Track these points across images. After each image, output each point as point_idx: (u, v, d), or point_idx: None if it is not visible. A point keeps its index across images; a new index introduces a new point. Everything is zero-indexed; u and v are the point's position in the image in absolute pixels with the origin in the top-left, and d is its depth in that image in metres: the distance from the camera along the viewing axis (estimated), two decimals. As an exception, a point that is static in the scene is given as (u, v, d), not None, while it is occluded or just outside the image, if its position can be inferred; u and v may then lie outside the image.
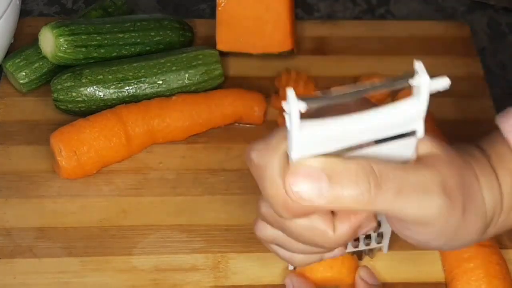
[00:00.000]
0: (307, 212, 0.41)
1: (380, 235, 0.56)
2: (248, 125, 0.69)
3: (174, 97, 0.67)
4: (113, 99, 0.67)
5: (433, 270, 0.60)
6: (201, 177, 0.65)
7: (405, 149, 0.42)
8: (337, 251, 0.48)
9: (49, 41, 0.67)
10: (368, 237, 0.55)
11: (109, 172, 0.65)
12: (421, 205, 0.41)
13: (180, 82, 0.69)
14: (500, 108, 0.75)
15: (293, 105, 0.37)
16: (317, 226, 0.42)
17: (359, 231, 0.44)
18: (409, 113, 0.40)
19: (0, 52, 0.68)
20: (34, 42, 0.70)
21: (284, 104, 0.37)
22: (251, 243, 0.61)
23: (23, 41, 0.72)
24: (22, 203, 0.63)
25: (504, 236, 0.63)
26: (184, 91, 0.69)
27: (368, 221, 0.44)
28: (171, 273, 0.59)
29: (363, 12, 0.84)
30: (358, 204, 0.39)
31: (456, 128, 0.71)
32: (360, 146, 0.40)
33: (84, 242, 0.61)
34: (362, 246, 0.56)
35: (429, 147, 0.43)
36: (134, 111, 0.65)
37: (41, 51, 0.68)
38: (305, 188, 0.38)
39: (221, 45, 0.73)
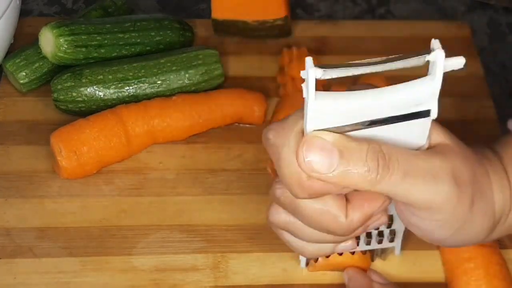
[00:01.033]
0: (321, 192, 0.42)
1: (393, 233, 0.55)
2: (248, 125, 0.70)
3: (174, 97, 0.67)
4: (113, 99, 0.67)
5: (433, 270, 0.60)
6: (201, 177, 0.65)
7: (418, 133, 0.42)
8: (349, 244, 0.48)
9: (49, 41, 0.67)
10: (380, 234, 0.55)
11: (109, 172, 0.65)
12: (428, 190, 0.41)
13: (180, 82, 0.69)
14: (500, 108, 0.76)
15: (310, 71, 0.37)
16: (330, 210, 0.43)
17: (371, 222, 0.45)
18: (424, 91, 0.40)
19: (0, 52, 0.68)
20: (34, 42, 0.70)
21: (302, 72, 0.38)
22: (251, 243, 0.61)
23: (23, 41, 0.73)
24: (22, 203, 0.63)
25: (504, 236, 0.63)
26: (184, 91, 0.69)
27: (380, 211, 0.44)
28: (171, 273, 0.59)
29: (363, 12, 0.84)
30: (365, 182, 0.40)
31: (456, 128, 0.71)
32: (374, 123, 0.40)
33: (84, 242, 0.61)
34: (374, 244, 0.56)
35: (443, 138, 0.44)
36: (134, 111, 0.65)
37: (41, 51, 0.68)
38: (316, 159, 0.40)
39: (217, 13, 0.73)
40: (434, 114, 0.41)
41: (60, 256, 0.60)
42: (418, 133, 0.42)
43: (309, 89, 0.38)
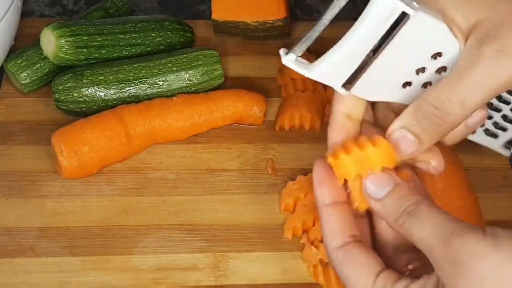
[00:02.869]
0: None
1: None
2: (248, 125, 0.70)
3: (174, 98, 0.67)
4: (114, 99, 0.67)
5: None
6: (201, 177, 0.66)
7: (438, 37, 0.42)
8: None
9: (51, 42, 0.67)
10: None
11: (110, 172, 0.66)
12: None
13: (181, 82, 0.69)
14: (499, 108, 0.76)
15: (285, 60, 0.45)
16: None
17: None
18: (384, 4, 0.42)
19: (1, 53, 0.68)
20: (35, 43, 0.70)
21: (284, 63, 0.44)
22: (251, 242, 0.61)
23: (24, 42, 0.73)
24: (23, 202, 0.63)
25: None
26: (185, 91, 0.69)
27: None
28: (172, 272, 0.59)
29: (363, 13, 0.84)
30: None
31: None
32: (376, 49, 0.43)
33: (85, 241, 0.61)
34: None
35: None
36: (134, 111, 0.66)
37: (43, 52, 0.68)
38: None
39: (217, 14, 0.74)
40: (411, 11, 0.41)
41: (61, 255, 0.60)
42: (439, 37, 0.43)
43: (299, 70, 0.43)
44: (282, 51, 0.44)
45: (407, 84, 0.44)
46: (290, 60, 0.44)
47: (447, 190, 0.63)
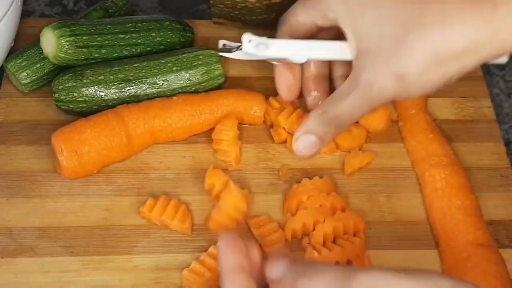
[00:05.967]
0: None
1: None
2: (248, 125, 0.70)
3: (174, 98, 0.67)
4: (114, 99, 0.67)
5: (431, 269, 0.60)
6: (202, 177, 0.65)
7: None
8: None
9: (51, 42, 0.67)
10: None
11: (110, 172, 0.66)
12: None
13: (181, 82, 0.69)
14: (499, 108, 0.76)
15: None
16: None
17: None
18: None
19: (1, 52, 0.68)
20: (35, 42, 0.70)
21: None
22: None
23: (24, 42, 0.73)
24: (23, 202, 0.63)
25: (502, 235, 0.63)
26: (185, 91, 0.69)
27: None
28: (172, 272, 0.60)
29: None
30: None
31: (456, 128, 0.71)
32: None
33: (85, 241, 0.61)
34: None
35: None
36: (135, 111, 0.66)
37: (43, 52, 0.68)
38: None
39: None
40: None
41: (61, 255, 0.60)
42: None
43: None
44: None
45: None
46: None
47: (447, 190, 0.63)
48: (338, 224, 0.60)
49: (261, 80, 0.74)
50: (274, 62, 0.65)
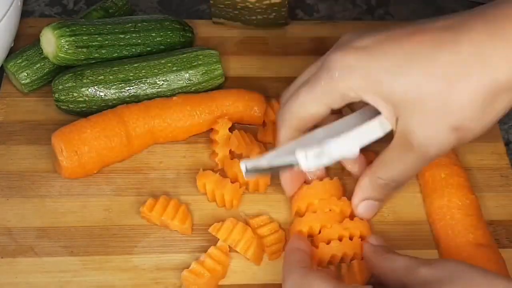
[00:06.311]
0: None
1: None
2: (248, 125, 0.70)
3: (174, 98, 0.67)
4: (114, 99, 0.67)
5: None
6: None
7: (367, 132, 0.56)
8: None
9: (51, 42, 0.67)
10: None
11: (110, 172, 0.66)
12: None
13: (181, 82, 0.69)
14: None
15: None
16: None
17: None
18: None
19: (1, 52, 0.68)
20: (35, 42, 0.70)
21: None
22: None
23: (24, 42, 0.73)
24: (23, 202, 0.63)
25: (502, 235, 0.63)
26: (185, 91, 0.69)
27: None
28: (172, 272, 0.59)
29: (363, 13, 0.85)
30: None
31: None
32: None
33: (85, 241, 0.61)
34: None
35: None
36: (135, 111, 0.66)
37: (43, 52, 0.68)
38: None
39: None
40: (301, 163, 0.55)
41: (61, 255, 0.60)
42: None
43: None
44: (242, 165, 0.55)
45: None
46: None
47: (447, 190, 0.63)
48: (344, 233, 0.60)
49: (261, 80, 0.74)
50: (311, 176, 0.63)
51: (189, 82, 0.69)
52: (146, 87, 0.68)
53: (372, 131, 0.56)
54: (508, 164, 0.69)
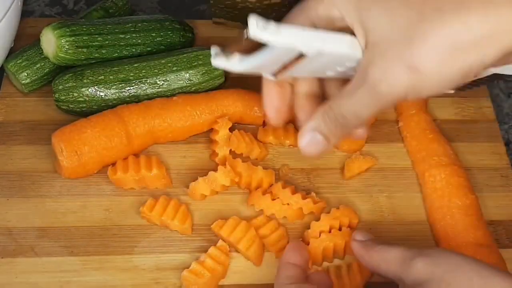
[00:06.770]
0: None
1: None
2: (248, 125, 0.70)
3: (174, 98, 0.67)
4: (114, 99, 0.67)
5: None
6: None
7: (346, 46, 0.51)
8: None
9: (51, 42, 0.67)
10: None
11: (110, 172, 0.66)
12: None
13: (181, 82, 0.69)
14: (499, 108, 0.76)
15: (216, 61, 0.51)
16: None
17: None
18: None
19: (1, 52, 0.68)
20: (35, 43, 0.70)
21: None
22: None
23: (24, 42, 0.73)
24: (23, 202, 0.63)
25: (502, 235, 0.63)
26: (185, 91, 0.69)
27: None
28: (172, 272, 0.60)
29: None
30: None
31: (456, 128, 0.71)
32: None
33: (85, 241, 0.61)
34: None
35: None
36: (135, 111, 0.66)
37: (43, 52, 0.68)
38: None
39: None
40: (306, 51, 0.49)
41: (61, 255, 0.60)
42: (346, 46, 0.51)
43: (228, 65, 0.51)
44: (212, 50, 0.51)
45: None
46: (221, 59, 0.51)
47: (447, 190, 0.63)
48: (333, 223, 0.60)
49: (261, 80, 0.74)
50: (268, 76, 0.57)
51: (189, 82, 0.69)
52: (146, 87, 0.68)
53: (338, 41, 0.51)
54: (508, 164, 0.69)
